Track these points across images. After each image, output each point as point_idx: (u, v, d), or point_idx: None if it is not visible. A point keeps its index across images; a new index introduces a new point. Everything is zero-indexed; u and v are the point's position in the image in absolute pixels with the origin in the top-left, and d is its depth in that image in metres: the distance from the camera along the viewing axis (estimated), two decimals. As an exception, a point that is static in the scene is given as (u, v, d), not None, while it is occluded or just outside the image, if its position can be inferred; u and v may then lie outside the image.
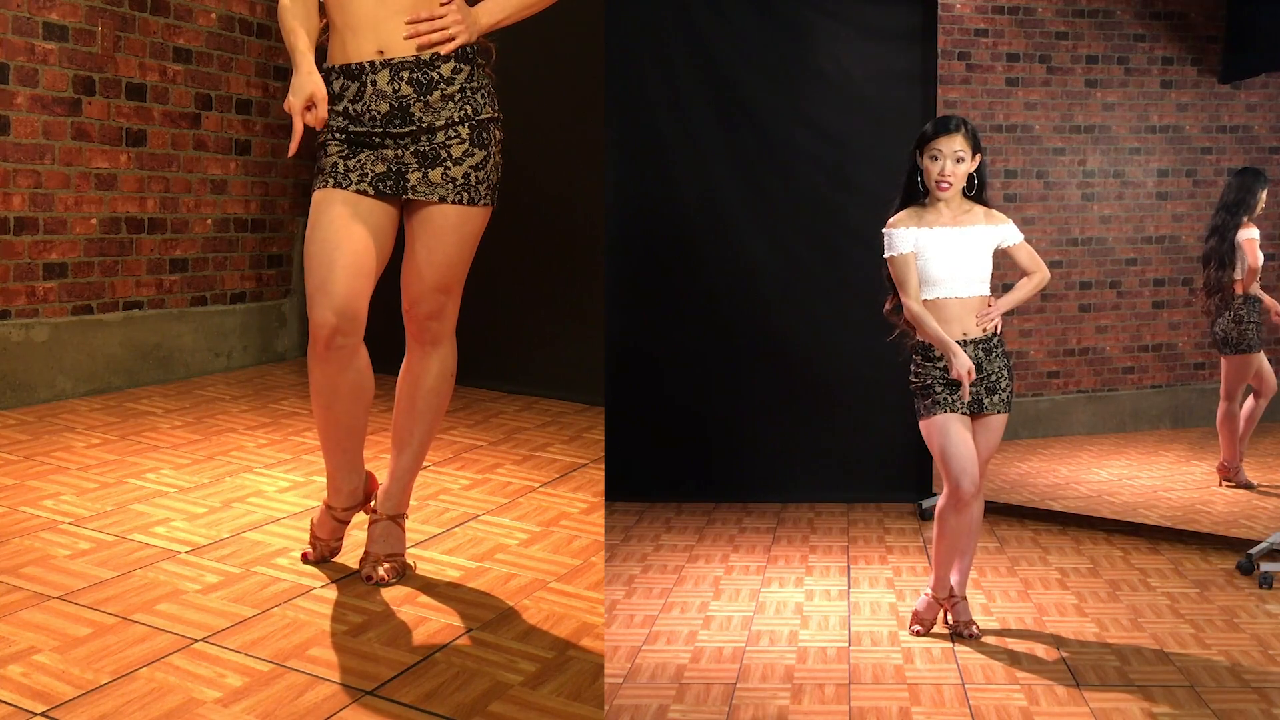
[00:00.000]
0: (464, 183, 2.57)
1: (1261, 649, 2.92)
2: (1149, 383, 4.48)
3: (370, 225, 2.55)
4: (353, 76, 2.53)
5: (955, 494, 2.91)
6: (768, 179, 4.67)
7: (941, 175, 2.89)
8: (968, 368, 2.85)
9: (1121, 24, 4.38)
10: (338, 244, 2.51)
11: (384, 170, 2.55)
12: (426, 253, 2.61)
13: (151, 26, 4.94)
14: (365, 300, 2.55)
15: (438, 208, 2.58)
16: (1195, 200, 4.34)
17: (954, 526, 2.98)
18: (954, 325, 2.92)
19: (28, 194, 4.46)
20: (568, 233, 5.00)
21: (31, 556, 2.80)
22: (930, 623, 3.08)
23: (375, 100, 2.52)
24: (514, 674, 2.32)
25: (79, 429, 4.13)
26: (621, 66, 4.62)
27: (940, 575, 3.07)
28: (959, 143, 2.88)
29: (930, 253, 2.91)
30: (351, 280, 2.50)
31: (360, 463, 2.81)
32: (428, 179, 2.55)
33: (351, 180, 2.54)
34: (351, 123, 2.55)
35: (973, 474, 2.89)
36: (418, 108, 2.53)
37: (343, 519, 2.86)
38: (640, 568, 3.70)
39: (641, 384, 4.71)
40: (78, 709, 2.05)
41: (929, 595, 3.09)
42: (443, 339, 2.74)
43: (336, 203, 2.53)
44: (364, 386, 2.64)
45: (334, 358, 2.54)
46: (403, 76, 2.52)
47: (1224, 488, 4.16)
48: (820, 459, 4.65)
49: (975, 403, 2.93)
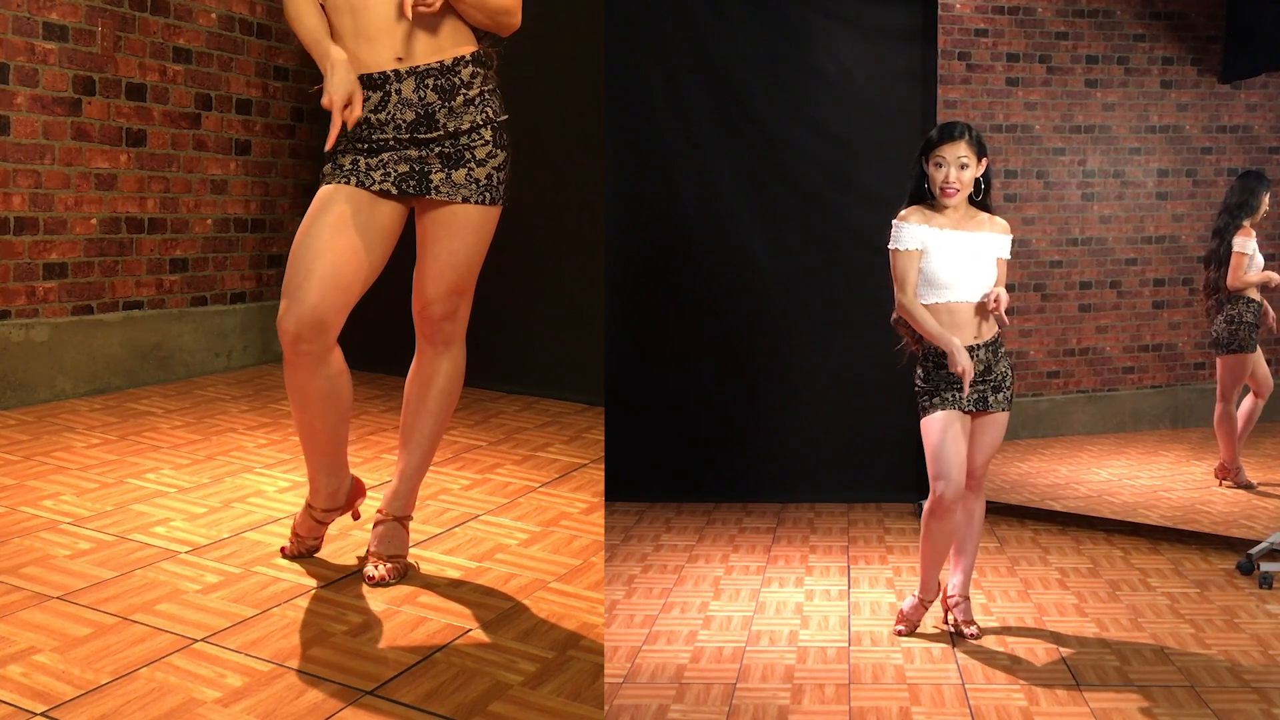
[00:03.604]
0: (487, 183, 2.59)
1: (1261, 649, 2.92)
2: (1149, 383, 4.48)
3: (367, 232, 2.52)
4: (374, 86, 2.52)
5: (937, 498, 2.91)
6: (768, 179, 4.67)
7: (946, 182, 2.89)
8: (967, 365, 2.85)
9: (1121, 24, 4.38)
10: (320, 253, 2.47)
11: (407, 170, 2.55)
12: (448, 254, 2.61)
13: (151, 26, 4.94)
14: (338, 312, 2.50)
15: (461, 208, 2.59)
16: (1195, 200, 4.35)
17: (937, 531, 2.97)
18: (965, 330, 2.92)
19: (28, 194, 4.46)
20: (568, 233, 5.00)
21: (31, 556, 2.80)
22: (915, 624, 3.08)
23: (401, 109, 2.52)
24: (514, 674, 2.32)
25: (79, 429, 4.13)
26: (621, 66, 4.63)
27: (927, 578, 3.07)
28: (963, 149, 2.88)
29: (939, 254, 2.91)
30: (325, 292, 2.46)
31: (340, 466, 2.78)
32: (451, 180, 2.56)
33: (374, 179, 2.53)
34: (374, 131, 2.53)
35: (956, 480, 2.89)
36: (443, 114, 2.53)
37: (321, 520, 2.86)
38: (640, 568, 3.70)
39: (641, 384, 4.71)
40: (78, 709, 2.05)
41: (916, 597, 3.10)
42: (454, 340, 2.75)
43: (339, 203, 2.51)
44: (335, 392, 2.58)
45: (300, 362, 2.51)
46: (428, 84, 2.52)
47: (1224, 488, 4.16)
48: (820, 459, 4.65)
49: (980, 400, 2.94)
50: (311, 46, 2.53)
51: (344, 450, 2.77)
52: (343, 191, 2.52)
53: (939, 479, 2.90)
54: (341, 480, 2.80)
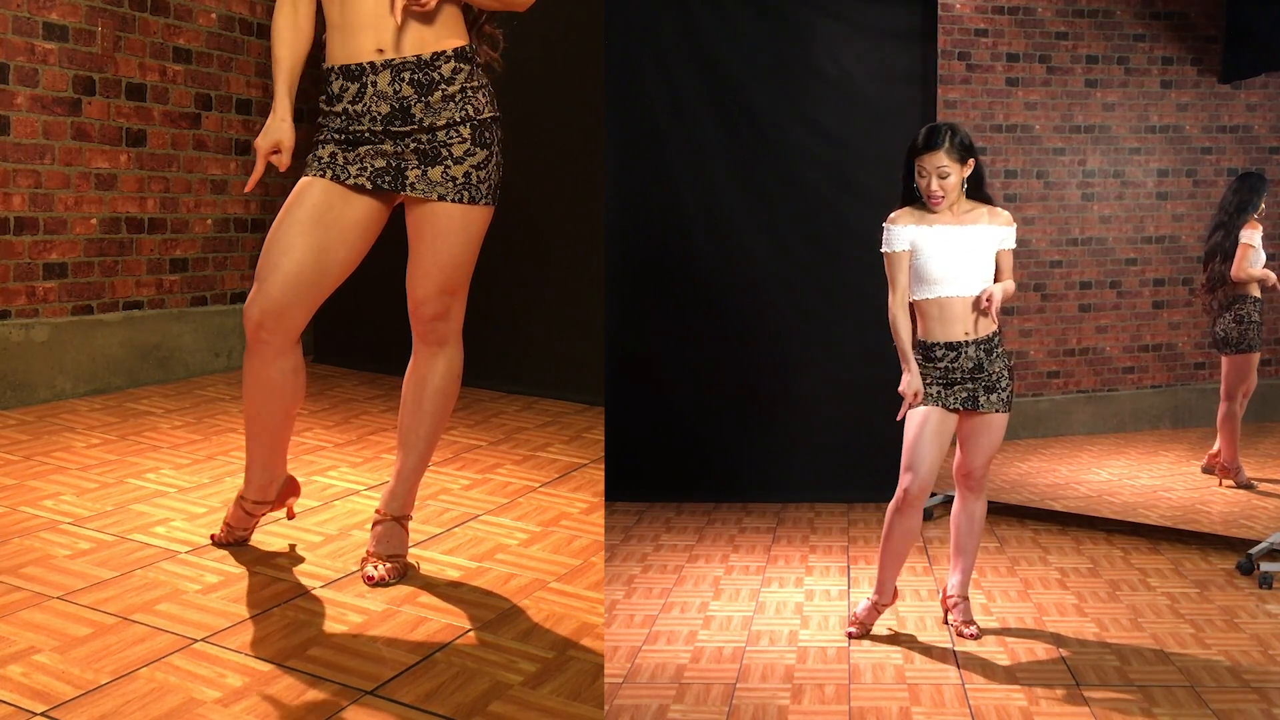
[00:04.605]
0: (464, 182, 2.57)
1: (1261, 649, 2.92)
2: (1149, 383, 4.48)
3: (338, 228, 2.56)
4: (353, 77, 2.53)
5: (902, 491, 2.92)
6: (768, 179, 4.67)
7: (929, 192, 2.89)
8: (916, 390, 2.88)
9: (1121, 24, 4.38)
10: (287, 249, 2.54)
11: (383, 165, 2.55)
12: (432, 254, 2.62)
13: (151, 26, 4.94)
14: (302, 308, 2.57)
15: (441, 207, 2.58)
16: (1195, 200, 4.34)
17: (898, 528, 2.96)
18: (957, 325, 2.91)
19: (28, 194, 4.46)
20: (568, 233, 5.00)
21: (31, 556, 2.80)
22: (868, 627, 3.05)
23: (376, 101, 2.52)
24: (514, 674, 2.32)
25: (79, 429, 4.13)
26: (621, 66, 4.63)
27: (884, 578, 3.04)
28: (942, 159, 2.86)
29: (930, 251, 2.91)
30: (288, 289, 2.53)
31: (276, 462, 2.83)
32: (427, 177, 2.55)
33: (350, 173, 2.55)
34: (351, 122, 2.55)
35: (924, 477, 2.89)
36: (419, 108, 2.53)
37: (251, 511, 2.89)
38: (640, 568, 3.70)
39: (641, 384, 4.71)
40: (78, 709, 2.05)
41: (871, 600, 3.08)
42: (449, 339, 2.74)
43: (313, 196, 2.55)
44: (286, 386, 2.65)
45: (259, 350, 2.60)
46: (404, 78, 2.51)
47: (1224, 488, 4.16)
48: (820, 459, 4.65)
49: (970, 400, 2.92)
50: (274, 78, 2.63)
51: (283, 446, 2.83)
52: (318, 185, 2.56)
53: (907, 472, 2.91)
54: (274, 475, 2.85)
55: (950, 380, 2.91)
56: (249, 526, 2.96)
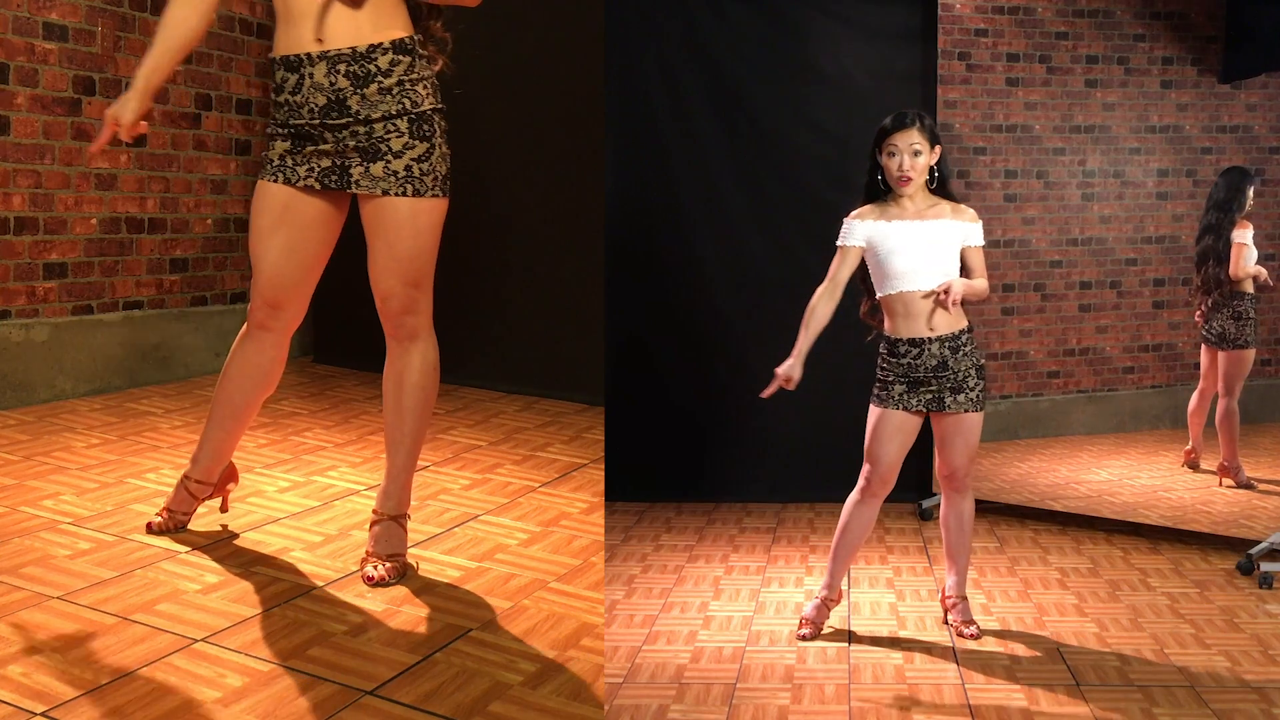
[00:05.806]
0: (406, 175, 2.58)
1: (1261, 649, 2.92)
2: (1149, 383, 4.48)
3: (299, 226, 2.66)
4: (292, 68, 2.57)
5: (865, 481, 2.96)
6: (768, 179, 4.67)
7: (900, 170, 2.88)
8: (787, 376, 2.97)
9: (1121, 24, 4.38)
10: (263, 254, 2.70)
11: (329, 165, 2.60)
12: (388, 248, 2.65)
13: (151, 26, 4.93)
14: (293, 304, 2.76)
15: (388, 201, 2.60)
16: (1195, 200, 4.34)
17: (854, 521, 3.00)
18: (919, 320, 2.90)
19: (28, 194, 4.46)
20: (568, 233, 5.00)
21: (31, 556, 2.80)
22: (819, 626, 3.03)
23: (312, 93, 2.55)
24: (514, 674, 2.32)
25: (79, 429, 4.13)
26: (621, 66, 4.62)
27: (834, 572, 3.05)
28: (915, 136, 2.86)
29: (892, 245, 2.90)
30: (274, 289, 2.72)
31: (228, 448, 2.99)
32: (369, 173, 2.58)
33: (300, 174, 2.62)
34: (292, 114, 2.59)
35: (882, 473, 2.94)
36: (354, 101, 2.54)
37: (194, 493, 3.01)
38: (640, 568, 3.70)
39: (641, 384, 4.71)
40: (78, 709, 2.05)
41: (820, 597, 3.07)
42: (420, 333, 2.74)
43: (271, 200, 2.65)
44: (268, 374, 2.85)
45: (257, 335, 2.79)
46: (339, 69, 2.53)
47: (1224, 488, 4.16)
48: (820, 459, 4.65)
49: (935, 401, 2.91)
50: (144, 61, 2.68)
51: (240, 432, 2.98)
52: (271, 190, 2.65)
53: (867, 463, 2.96)
54: (219, 459, 2.99)
55: (914, 379, 2.90)
56: (190, 510, 3.05)
